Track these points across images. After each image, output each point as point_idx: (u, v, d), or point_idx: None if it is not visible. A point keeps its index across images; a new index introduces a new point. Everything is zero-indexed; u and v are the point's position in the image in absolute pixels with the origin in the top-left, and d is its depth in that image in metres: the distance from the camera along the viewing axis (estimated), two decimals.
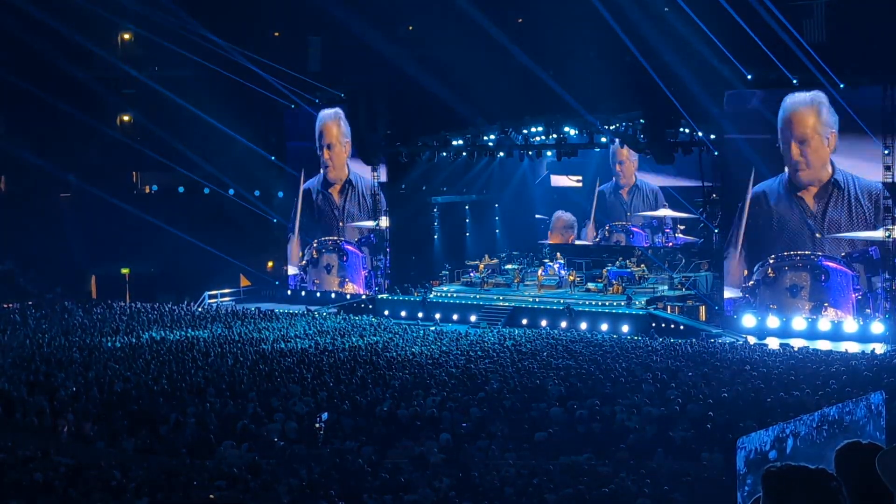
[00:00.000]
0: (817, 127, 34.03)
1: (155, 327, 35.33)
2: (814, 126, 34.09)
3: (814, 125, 34.08)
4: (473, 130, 41.27)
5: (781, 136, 34.58)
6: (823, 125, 33.89)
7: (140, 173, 53.33)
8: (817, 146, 34.12)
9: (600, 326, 36.15)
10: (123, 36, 52.05)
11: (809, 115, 34.10)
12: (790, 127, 34.42)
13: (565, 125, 39.41)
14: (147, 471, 15.98)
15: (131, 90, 50.83)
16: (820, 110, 33.79)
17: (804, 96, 34.10)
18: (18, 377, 24.64)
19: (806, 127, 34.25)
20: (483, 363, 26.56)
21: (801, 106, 34.22)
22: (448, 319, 39.33)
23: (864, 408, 9.38)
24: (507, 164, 45.91)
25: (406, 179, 44.92)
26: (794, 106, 34.33)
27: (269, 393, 22.46)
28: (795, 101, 34.30)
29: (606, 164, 45.43)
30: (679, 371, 24.82)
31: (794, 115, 34.36)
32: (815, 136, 34.10)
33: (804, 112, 34.21)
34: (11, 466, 15.98)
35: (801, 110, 34.27)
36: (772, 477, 3.43)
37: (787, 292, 34.90)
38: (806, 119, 34.24)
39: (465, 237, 47.75)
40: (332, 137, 46.15)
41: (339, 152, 46.00)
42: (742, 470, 7.97)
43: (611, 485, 14.59)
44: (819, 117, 33.90)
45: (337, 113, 45.84)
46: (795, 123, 34.36)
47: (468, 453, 17.33)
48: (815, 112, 33.95)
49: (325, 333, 33.73)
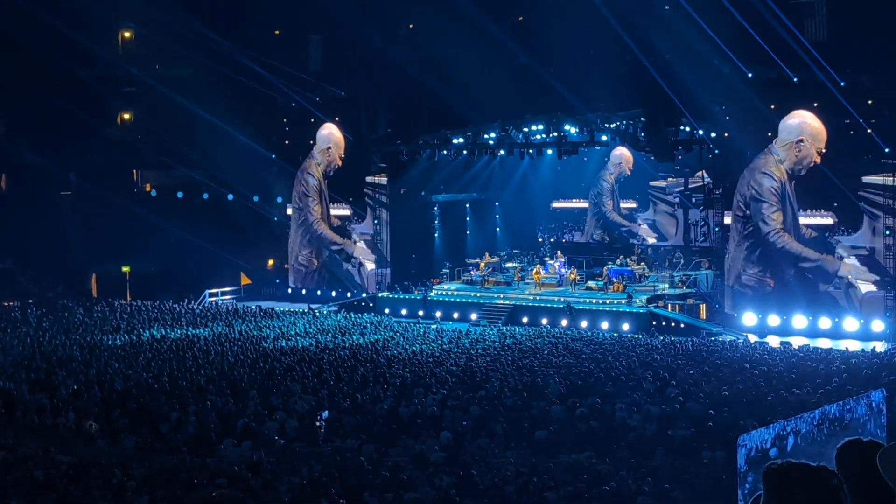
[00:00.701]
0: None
1: (156, 325, 35.33)
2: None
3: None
4: (474, 129, 41.29)
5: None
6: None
7: (140, 172, 53.29)
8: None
9: (601, 325, 36.17)
10: (124, 35, 52.01)
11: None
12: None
13: (566, 123, 39.42)
14: (148, 469, 15.97)
15: (132, 89, 50.83)
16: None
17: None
18: (19, 375, 24.62)
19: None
20: (484, 361, 26.56)
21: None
22: (449, 318, 39.34)
23: (865, 405, 9.40)
24: (508, 163, 45.90)
25: (406, 178, 44.92)
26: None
27: (269, 391, 22.46)
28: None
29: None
30: (679, 369, 24.82)
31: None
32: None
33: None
34: (12, 465, 15.98)
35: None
36: (773, 474, 3.43)
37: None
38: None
39: (465, 235, 47.77)
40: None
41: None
42: (743, 468, 7.98)
43: (611, 483, 14.58)
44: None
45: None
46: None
47: (469, 451, 17.32)
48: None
49: (326, 332, 33.73)
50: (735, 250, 36.14)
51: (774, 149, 35.01)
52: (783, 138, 34.78)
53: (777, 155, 34.96)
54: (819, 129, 34.22)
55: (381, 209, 45.21)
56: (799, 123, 34.52)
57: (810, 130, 34.37)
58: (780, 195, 35.10)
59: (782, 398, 20.24)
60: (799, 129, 34.53)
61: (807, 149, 34.37)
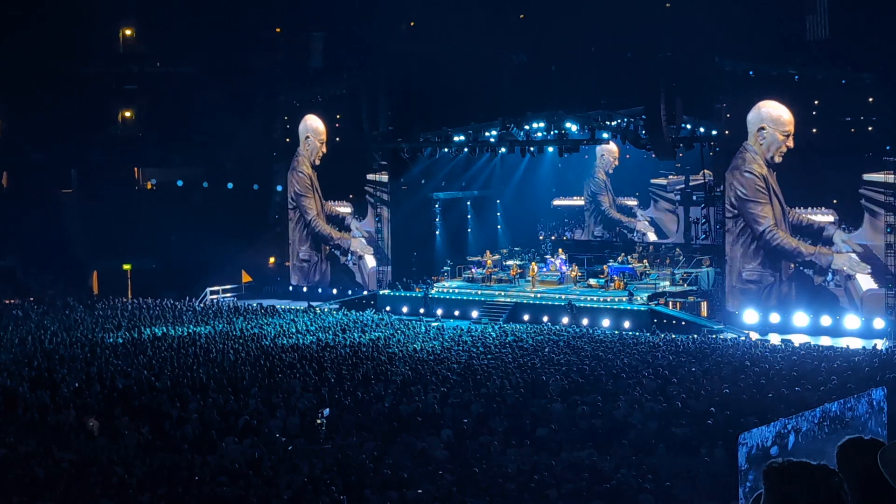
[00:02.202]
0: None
1: (157, 323, 35.34)
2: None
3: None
4: (475, 126, 41.23)
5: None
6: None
7: (142, 169, 53.32)
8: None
9: (602, 322, 36.16)
10: (125, 31, 52.03)
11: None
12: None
13: (567, 121, 39.36)
14: (149, 466, 16.00)
15: (133, 86, 50.83)
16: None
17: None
18: (20, 373, 24.65)
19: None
20: (485, 359, 26.56)
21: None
22: (450, 315, 39.35)
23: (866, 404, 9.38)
24: (509, 160, 45.87)
25: (407, 175, 44.91)
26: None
27: (270, 389, 22.48)
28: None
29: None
30: (681, 367, 24.82)
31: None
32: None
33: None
34: (13, 462, 16.00)
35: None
36: (773, 473, 3.43)
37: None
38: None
39: (466, 233, 47.76)
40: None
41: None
42: (744, 466, 7.97)
43: (612, 480, 14.59)
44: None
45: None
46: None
47: (470, 449, 17.33)
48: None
49: (327, 329, 33.73)
50: (732, 248, 36.23)
51: (748, 145, 35.47)
52: (750, 131, 35.46)
53: (751, 151, 35.37)
54: (778, 114, 34.90)
55: (382, 207, 45.22)
56: (758, 113, 35.32)
57: (769, 117, 35.10)
58: (765, 189, 35.33)
59: (783, 396, 20.24)
60: (759, 118, 35.31)
61: (770, 134, 35.04)
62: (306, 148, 47.14)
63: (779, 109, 34.84)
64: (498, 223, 48.86)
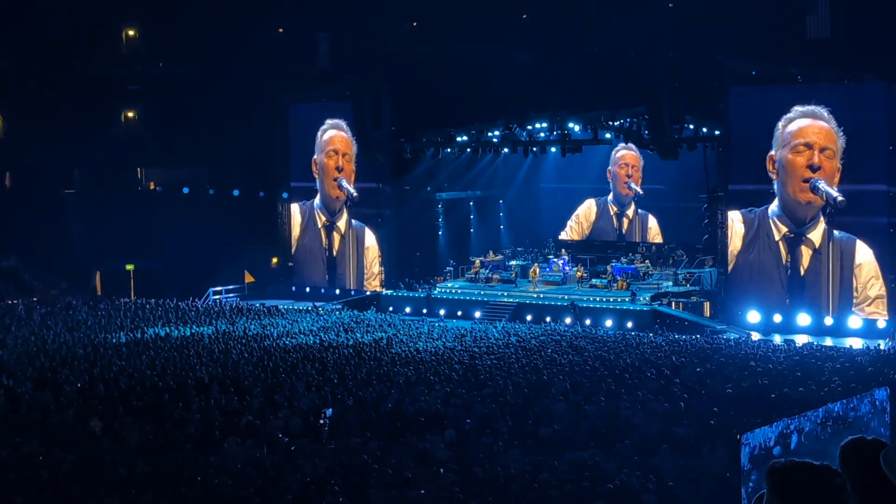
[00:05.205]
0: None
1: (160, 323, 35.35)
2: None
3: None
4: (478, 126, 41.24)
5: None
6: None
7: (145, 170, 53.36)
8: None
9: (605, 322, 36.15)
10: (128, 32, 52.06)
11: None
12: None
13: (569, 121, 39.36)
14: (152, 467, 16.00)
15: (136, 86, 50.85)
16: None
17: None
18: (23, 373, 24.66)
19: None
20: (487, 359, 26.54)
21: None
22: (452, 315, 39.34)
23: (869, 404, 9.39)
24: (512, 161, 45.87)
25: (410, 176, 44.91)
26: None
27: (273, 389, 22.47)
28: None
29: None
30: (684, 367, 24.79)
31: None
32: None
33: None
34: (16, 463, 16.00)
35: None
36: (776, 473, 3.43)
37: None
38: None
39: (469, 233, 47.76)
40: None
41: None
42: (746, 466, 7.98)
43: (615, 481, 14.58)
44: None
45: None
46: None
47: (473, 449, 17.33)
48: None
49: (330, 329, 33.73)
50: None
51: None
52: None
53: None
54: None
55: (384, 207, 45.21)
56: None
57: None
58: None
59: (786, 396, 20.22)
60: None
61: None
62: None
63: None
64: (501, 223, 48.86)
